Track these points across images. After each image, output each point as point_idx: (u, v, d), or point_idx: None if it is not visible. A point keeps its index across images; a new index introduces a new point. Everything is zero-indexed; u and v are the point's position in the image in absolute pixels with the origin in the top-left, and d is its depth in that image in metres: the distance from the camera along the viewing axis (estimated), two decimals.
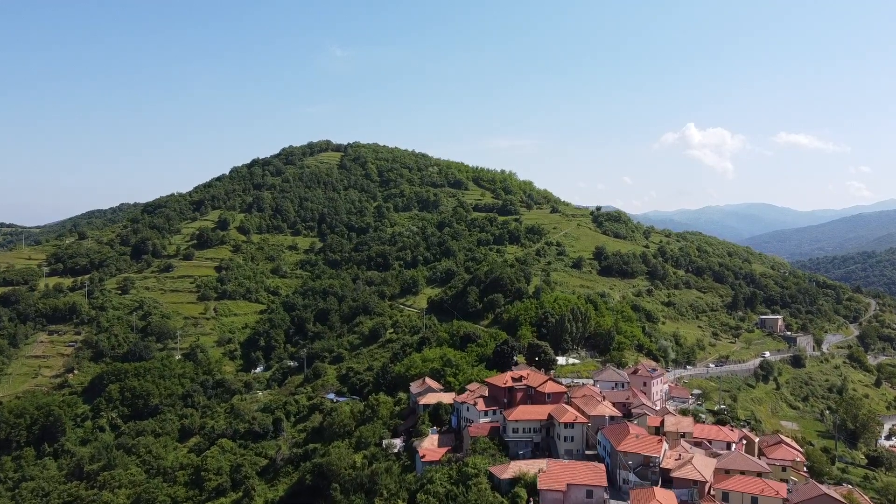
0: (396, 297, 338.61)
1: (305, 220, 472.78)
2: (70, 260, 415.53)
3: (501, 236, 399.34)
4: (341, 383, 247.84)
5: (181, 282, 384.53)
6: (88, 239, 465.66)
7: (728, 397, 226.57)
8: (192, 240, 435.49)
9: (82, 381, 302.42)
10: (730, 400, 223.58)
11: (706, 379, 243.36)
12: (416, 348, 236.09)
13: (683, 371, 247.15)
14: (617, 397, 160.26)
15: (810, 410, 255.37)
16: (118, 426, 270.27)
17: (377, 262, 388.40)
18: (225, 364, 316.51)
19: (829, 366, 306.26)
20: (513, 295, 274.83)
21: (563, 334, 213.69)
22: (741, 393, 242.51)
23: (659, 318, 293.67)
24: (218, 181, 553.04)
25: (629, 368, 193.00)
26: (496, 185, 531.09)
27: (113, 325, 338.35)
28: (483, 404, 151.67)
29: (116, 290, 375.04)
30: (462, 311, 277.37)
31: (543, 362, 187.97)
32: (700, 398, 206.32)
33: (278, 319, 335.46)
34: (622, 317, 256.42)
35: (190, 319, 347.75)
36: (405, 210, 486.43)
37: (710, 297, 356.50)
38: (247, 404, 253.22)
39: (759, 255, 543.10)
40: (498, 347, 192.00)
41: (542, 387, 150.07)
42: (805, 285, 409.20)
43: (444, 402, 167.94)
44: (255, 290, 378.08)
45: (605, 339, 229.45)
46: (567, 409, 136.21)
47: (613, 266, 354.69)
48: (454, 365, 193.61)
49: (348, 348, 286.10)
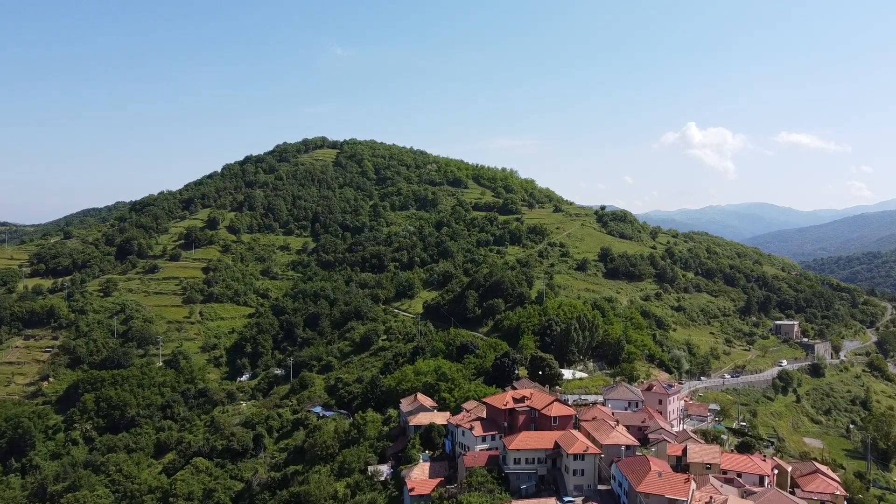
0: (391, 301, 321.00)
1: (298, 220, 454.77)
2: (52, 260, 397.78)
3: (502, 237, 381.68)
4: (329, 395, 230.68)
5: (166, 283, 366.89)
6: (73, 238, 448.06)
7: (747, 412, 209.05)
8: (180, 239, 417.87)
9: (57, 389, 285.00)
10: (749, 415, 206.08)
11: (722, 391, 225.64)
12: (409, 359, 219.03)
13: (698, 383, 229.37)
14: (631, 420, 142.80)
15: (833, 425, 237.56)
16: (92, 439, 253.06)
17: (372, 264, 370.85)
18: (209, 371, 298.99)
19: (849, 375, 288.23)
20: (514, 300, 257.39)
21: (568, 345, 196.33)
22: (760, 406, 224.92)
23: (670, 325, 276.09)
24: (209, 179, 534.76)
25: (642, 384, 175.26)
26: (497, 184, 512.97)
27: (92, 330, 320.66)
28: (480, 428, 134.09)
29: (98, 292, 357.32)
30: (460, 316, 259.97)
31: (548, 377, 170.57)
32: (718, 415, 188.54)
33: (266, 324, 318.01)
34: (631, 324, 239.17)
35: (174, 324, 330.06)
36: (402, 209, 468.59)
37: (721, 301, 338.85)
38: (228, 417, 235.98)
39: (767, 256, 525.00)
40: (497, 360, 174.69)
41: (547, 409, 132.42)
42: (819, 288, 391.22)
43: (437, 422, 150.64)
44: (243, 293, 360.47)
45: (613, 348, 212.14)
46: (576, 438, 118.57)
47: (620, 268, 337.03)
48: (449, 379, 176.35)
49: (338, 356, 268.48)
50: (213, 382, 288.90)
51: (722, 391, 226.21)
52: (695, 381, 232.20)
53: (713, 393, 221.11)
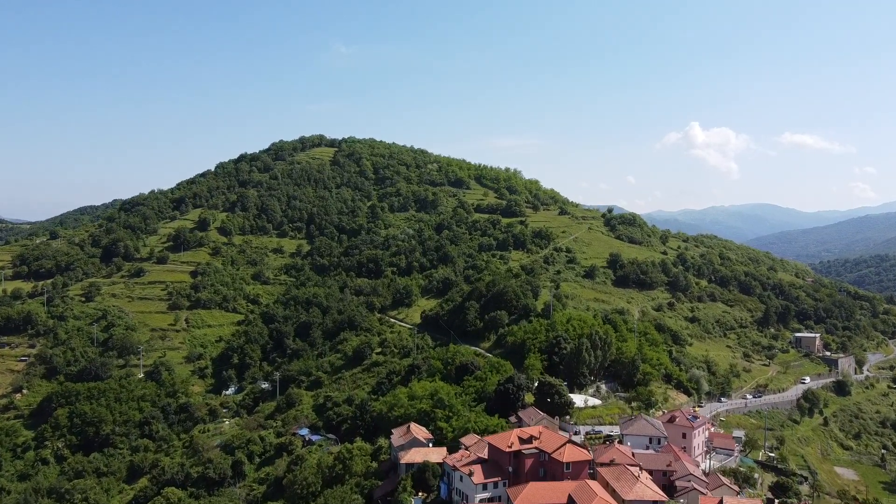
0: (387, 310, 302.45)
1: (293, 221, 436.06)
2: (35, 262, 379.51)
3: (505, 241, 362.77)
4: (317, 415, 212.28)
5: (152, 288, 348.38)
6: (59, 239, 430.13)
7: (773, 438, 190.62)
8: (169, 241, 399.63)
9: (31, 402, 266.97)
10: (775, 441, 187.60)
11: (745, 415, 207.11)
12: (403, 378, 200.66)
13: (718, 405, 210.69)
14: (655, 462, 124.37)
15: (865, 451, 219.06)
16: (65, 458, 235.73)
17: (368, 269, 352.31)
18: (193, 384, 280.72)
19: (876, 392, 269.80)
20: (518, 312, 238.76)
21: (579, 366, 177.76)
22: (786, 431, 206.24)
23: (686, 340, 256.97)
24: (202, 177, 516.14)
25: (663, 415, 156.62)
26: (500, 185, 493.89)
27: (71, 338, 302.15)
28: (481, 473, 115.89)
29: (80, 296, 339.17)
30: (460, 329, 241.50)
31: (557, 406, 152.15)
32: (745, 445, 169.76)
33: (255, 333, 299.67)
34: (646, 339, 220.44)
35: (157, 331, 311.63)
36: (401, 210, 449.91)
37: (737, 312, 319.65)
38: (207, 438, 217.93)
39: (780, 261, 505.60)
40: (501, 386, 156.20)
41: (559, 452, 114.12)
42: (838, 297, 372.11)
43: (431, 460, 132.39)
44: (232, 299, 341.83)
45: (627, 368, 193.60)
46: (594, 493, 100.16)
47: (630, 276, 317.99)
48: (447, 406, 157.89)
49: (329, 370, 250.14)
50: (196, 396, 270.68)
51: (745, 414, 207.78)
52: (715, 402, 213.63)
53: (736, 417, 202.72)
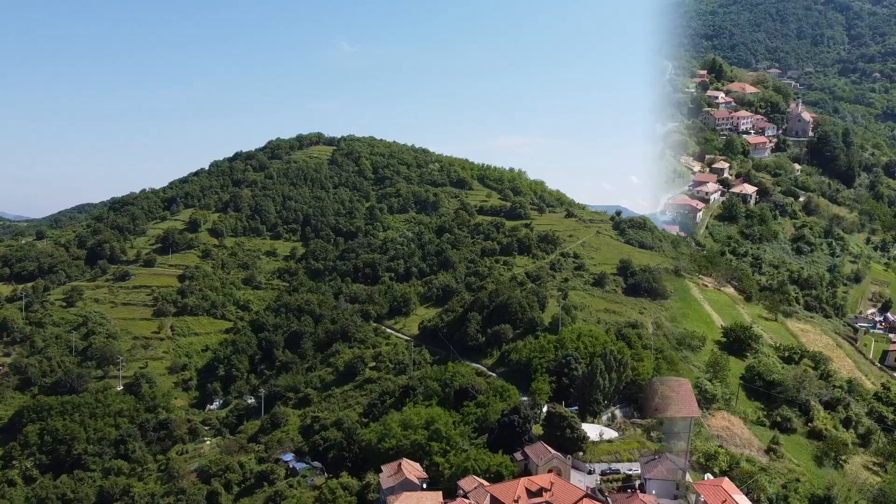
0: (384, 318, 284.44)
1: (287, 222, 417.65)
2: (17, 264, 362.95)
3: (509, 245, 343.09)
4: (304, 437, 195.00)
5: (136, 293, 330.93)
6: (46, 239, 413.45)
7: None
8: (157, 243, 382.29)
9: (2, 416, 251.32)
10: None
11: None
12: (397, 400, 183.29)
13: None
14: None
15: None
16: (34, 478, 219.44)
17: (365, 273, 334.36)
18: (175, 397, 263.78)
19: None
20: (524, 326, 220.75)
21: (592, 391, 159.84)
22: None
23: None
24: (196, 176, 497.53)
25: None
26: (504, 185, 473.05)
27: (49, 346, 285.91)
28: None
29: (61, 301, 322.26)
30: (460, 343, 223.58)
31: (569, 441, 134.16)
32: None
33: (243, 342, 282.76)
34: (663, 357, 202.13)
35: (140, 340, 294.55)
36: (401, 212, 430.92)
37: None
38: (185, 461, 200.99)
39: None
40: (506, 417, 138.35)
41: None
42: None
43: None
44: (221, 305, 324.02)
45: (644, 392, 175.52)
46: None
47: (641, 284, 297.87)
48: (444, 438, 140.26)
49: (319, 386, 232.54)
50: (178, 410, 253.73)
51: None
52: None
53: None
